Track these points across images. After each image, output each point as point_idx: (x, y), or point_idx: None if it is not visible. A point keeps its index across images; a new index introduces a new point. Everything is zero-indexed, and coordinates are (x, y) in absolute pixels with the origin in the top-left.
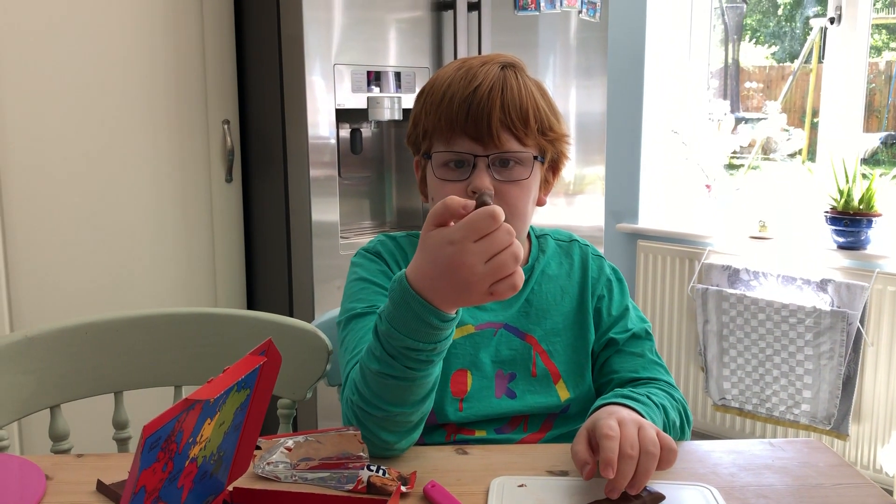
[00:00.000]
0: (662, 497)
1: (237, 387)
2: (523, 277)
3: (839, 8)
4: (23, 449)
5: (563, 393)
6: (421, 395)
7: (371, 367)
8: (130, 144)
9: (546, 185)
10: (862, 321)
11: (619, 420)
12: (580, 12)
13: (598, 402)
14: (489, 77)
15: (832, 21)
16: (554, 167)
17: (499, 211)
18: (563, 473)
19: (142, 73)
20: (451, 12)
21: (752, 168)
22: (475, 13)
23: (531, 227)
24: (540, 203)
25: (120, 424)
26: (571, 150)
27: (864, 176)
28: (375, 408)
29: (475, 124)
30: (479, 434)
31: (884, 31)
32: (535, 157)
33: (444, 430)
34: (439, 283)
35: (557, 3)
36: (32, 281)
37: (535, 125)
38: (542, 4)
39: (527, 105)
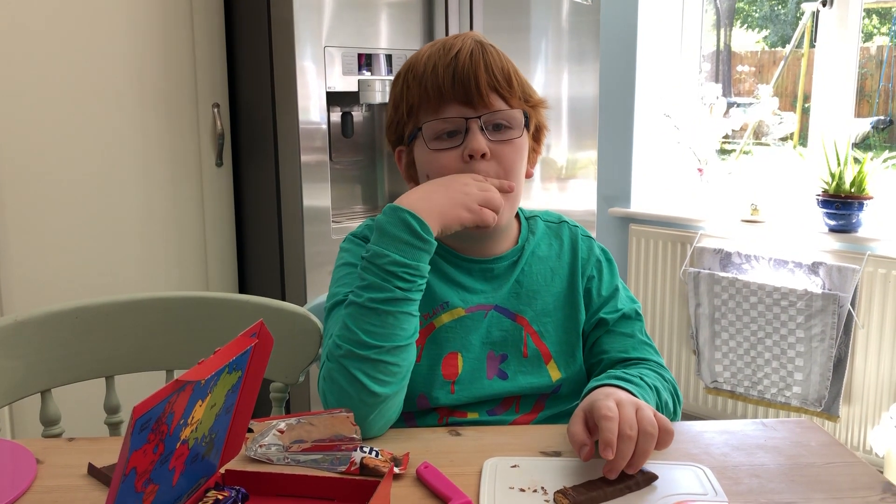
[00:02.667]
0: (655, 477)
1: (228, 368)
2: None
3: None
4: (14, 434)
5: (555, 373)
6: (402, 332)
7: (357, 300)
8: (120, 129)
9: (532, 156)
10: (853, 304)
11: (617, 401)
12: None
13: (592, 383)
14: (467, 44)
15: (824, 4)
16: (536, 137)
17: None
18: (556, 454)
19: (131, 57)
20: None
21: (744, 152)
22: None
23: (521, 209)
24: (527, 175)
25: (111, 409)
26: (563, 134)
27: (855, 160)
28: (359, 345)
29: (463, 87)
30: (472, 416)
31: (875, 15)
32: (525, 115)
33: (437, 413)
34: (432, 195)
35: None
36: (22, 266)
37: (517, 87)
38: None
39: (508, 68)
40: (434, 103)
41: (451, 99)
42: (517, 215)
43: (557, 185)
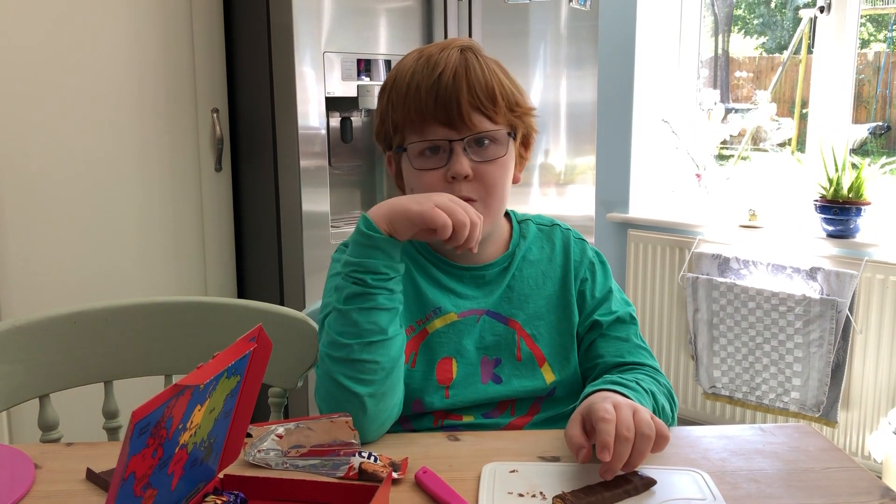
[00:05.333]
0: (654, 482)
1: (227, 373)
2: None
3: None
4: (12, 438)
5: (549, 376)
6: (371, 326)
7: (338, 305)
8: (119, 133)
9: (520, 161)
10: (851, 309)
11: (614, 404)
12: (571, 1)
13: (588, 388)
14: (451, 62)
15: (822, 10)
16: (525, 143)
17: None
18: (555, 459)
19: (130, 62)
20: (441, 1)
21: (742, 158)
22: (465, 1)
23: (513, 212)
24: (515, 180)
25: (110, 414)
26: (562, 140)
27: (853, 166)
28: (334, 346)
29: (445, 110)
30: (467, 419)
31: (870, 22)
32: (509, 134)
33: (432, 416)
34: (398, 199)
35: None
36: (21, 271)
37: (502, 102)
38: None
39: (492, 84)
40: (417, 125)
41: (433, 121)
42: (508, 219)
43: (556, 190)
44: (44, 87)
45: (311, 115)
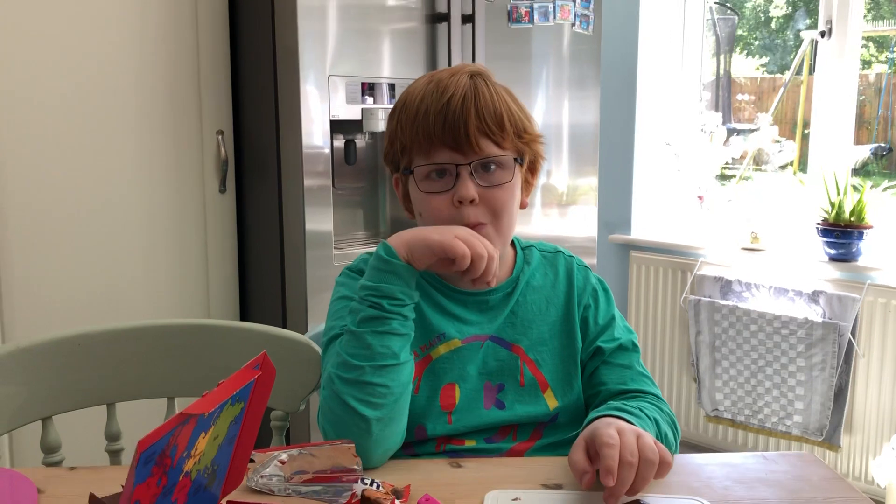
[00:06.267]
0: None
1: (231, 400)
2: (492, 273)
3: (830, 21)
4: (13, 461)
5: (552, 401)
6: (384, 350)
7: (352, 327)
8: (124, 154)
9: (527, 187)
10: (853, 333)
11: (618, 429)
12: (573, 25)
13: (592, 414)
14: (460, 87)
15: (822, 34)
16: (532, 168)
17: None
18: (558, 486)
19: (136, 83)
20: (445, 24)
21: (744, 179)
22: (469, 25)
23: (517, 238)
24: (522, 205)
25: (112, 436)
26: (564, 161)
27: (854, 188)
28: (345, 367)
29: (453, 134)
30: (469, 443)
31: (872, 43)
32: (515, 160)
33: (434, 441)
34: (419, 230)
35: (551, 16)
36: (25, 291)
37: (510, 128)
38: (536, 17)
39: (500, 110)
40: (425, 148)
41: (441, 144)
42: (513, 245)
43: (558, 211)
44: (49, 108)
45: (316, 136)
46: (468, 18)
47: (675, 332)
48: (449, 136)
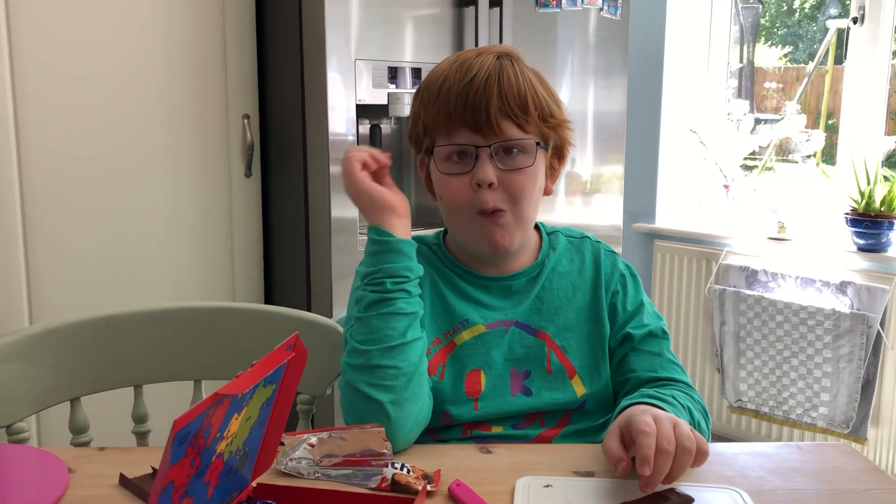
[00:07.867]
0: (691, 500)
1: (264, 382)
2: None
3: (862, 8)
4: (41, 441)
5: (579, 388)
6: (391, 331)
7: (358, 314)
8: (150, 139)
9: (552, 173)
10: (882, 324)
11: (654, 417)
12: (601, 10)
13: (624, 401)
14: (485, 67)
15: (855, 21)
16: (559, 154)
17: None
18: (590, 474)
19: (162, 68)
20: (472, 8)
21: (767, 168)
22: (496, 9)
23: (542, 224)
24: (547, 192)
25: (139, 418)
26: (589, 149)
27: (885, 178)
28: (354, 353)
29: (473, 115)
30: (496, 430)
31: None
32: (538, 144)
33: (461, 427)
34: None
35: (579, 0)
36: (52, 274)
37: (534, 111)
38: (564, 1)
39: (525, 92)
40: (446, 128)
41: (461, 125)
42: (538, 230)
43: (582, 199)
44: (76, 94)
45: (341, 121)
46: (496, 2)
47: (700, 321)
48: (470, 117)
